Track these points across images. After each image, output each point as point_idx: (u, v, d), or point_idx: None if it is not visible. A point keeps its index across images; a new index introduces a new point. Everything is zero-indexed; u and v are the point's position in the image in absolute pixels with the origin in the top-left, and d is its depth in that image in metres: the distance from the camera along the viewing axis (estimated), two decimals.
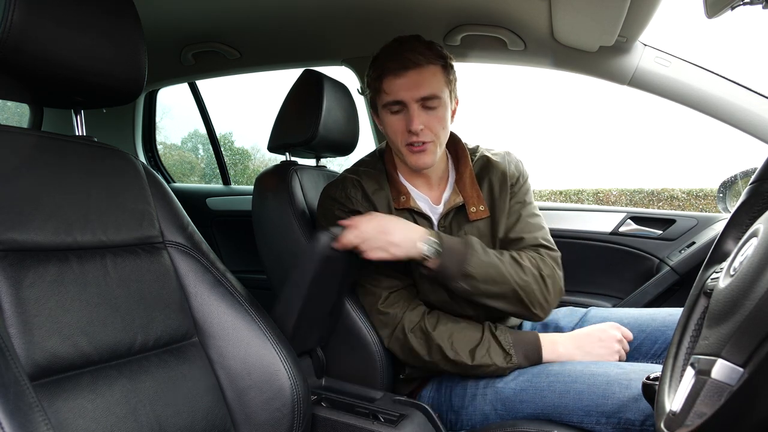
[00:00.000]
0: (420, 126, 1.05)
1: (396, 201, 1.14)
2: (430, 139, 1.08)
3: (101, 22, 0.81)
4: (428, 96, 1.05)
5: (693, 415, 0.46)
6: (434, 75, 1.06)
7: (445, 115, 1.09)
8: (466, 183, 1.16)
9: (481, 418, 1.05)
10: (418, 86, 1.05)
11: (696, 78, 1.41)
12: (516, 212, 1.17)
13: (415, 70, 1.04)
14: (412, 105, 1.05)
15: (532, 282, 1.07)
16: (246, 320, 0.94)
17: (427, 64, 1.05)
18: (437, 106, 1.07)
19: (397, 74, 1.05)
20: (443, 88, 1.07)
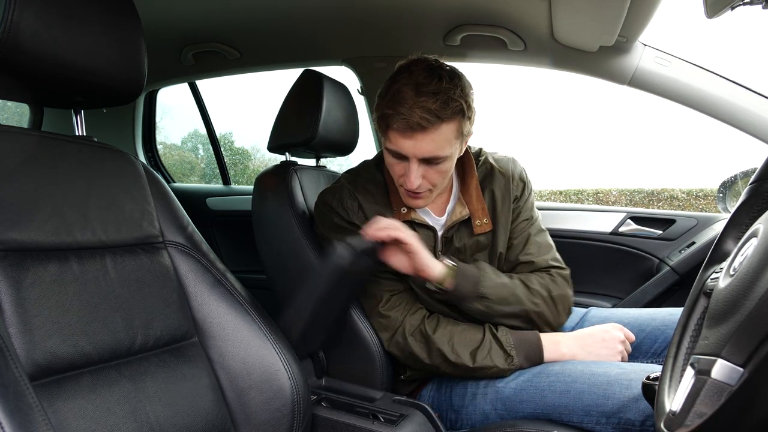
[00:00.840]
0: (417, 182, 1.02)
1: (397, 213, 1.12)
2: (426, 189, 1.06)
3: (101, 22, 0.81)
4: (431, 157, 1.00)
5: (693, 415, 0.46)
6: (443, 135, 0.97)
7: (449, 168, 1.04)
8: (473, 195, 1.14)
9: (481, 417, 1.05)
10: (422, 148, 0.98)
11: (696, 78, 1.41)
12: (524, 231, 1.16)
13: (421, 133, 0.96)
14: (412, 162, 1.00)
15: (542, 304, 1.09)
16: (246, 320, 0.94)
17: (438, 125, 0.95)
18: (440, 163, 1.02)
19: (402, 133, 0.97)
20: (451, 145, 0.99)
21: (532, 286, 1.09)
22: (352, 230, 1.11)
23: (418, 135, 0.96)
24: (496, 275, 1.08)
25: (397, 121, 0.97)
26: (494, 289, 1.05)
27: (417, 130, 0.96)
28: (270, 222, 1.26)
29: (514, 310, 1.07)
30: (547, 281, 1.12)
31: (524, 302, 1.07)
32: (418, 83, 0.96)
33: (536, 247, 1.16)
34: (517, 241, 1.16)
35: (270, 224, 1.26)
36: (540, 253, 1.15)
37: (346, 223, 1.12)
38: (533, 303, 1.08)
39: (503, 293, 1.06)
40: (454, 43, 1.55)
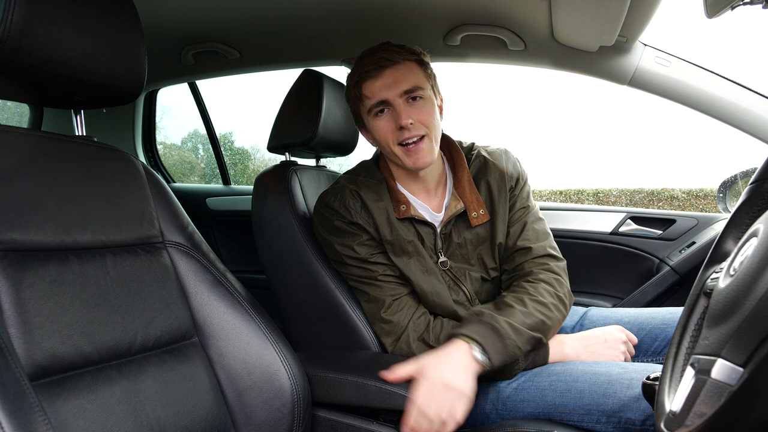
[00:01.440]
0: (409, 119, 1.04)
1: (396, 211, 1.12)
2: (423, 133, 1.06)
3: (101, 22, 0.81)
4: (410, 89, 1.05)
5: (693, 415, 0.46)
6: (411, 70, 1.07)
7: (433, 109, 1.09)
8: (465, 188, 1.15)
9: (482, 417, 1.05)
10: (398, 82, 1.05)
11: (696, 78, 1.41)
12: (521, 219, 1.16)
13: (391, 68, 1.05)
14: (396, 101, 1.05)
15: (557, 314, 1.07)
16: (246, 320, 0.94)
17: (402, 60, 1.06)
18: (422, 98, 1.07)
19: (375, 76, 1.06)
20: (423, 81, 1.08)
21: (545, 300, 1.06)
22: (353, 232, 1.11)
23: (387, 71, 1.06)
24: (515, 330, 0.99)
25: (365, 71, 1.06)
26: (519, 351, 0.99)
27: (385, 65, 1.06)
28: (270, 222, 1.26)
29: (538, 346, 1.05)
30: (553, 284, 1.10)
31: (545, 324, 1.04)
32: (372, 49, 1.10)
33: (533, 233, 1.15)
34: (514, 228, 1.16)
35: (270, 224, 1.26)
36: (537, 240, 1.15)
37: (346, 225, 1.12)
38: (550, 318, 1.05)
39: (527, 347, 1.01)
40: (454, 43, 1.55)
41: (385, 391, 0.94)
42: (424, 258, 1.12)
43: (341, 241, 1.12)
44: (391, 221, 1.11)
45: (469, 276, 1.16)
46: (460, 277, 1.15)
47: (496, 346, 0.97)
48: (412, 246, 1.12)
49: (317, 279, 1.17)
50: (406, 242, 1.11)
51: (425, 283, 1.11)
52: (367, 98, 1.07)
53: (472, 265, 1.16)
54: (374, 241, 1.12)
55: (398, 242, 1.11)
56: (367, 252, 1.11)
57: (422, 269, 1.11)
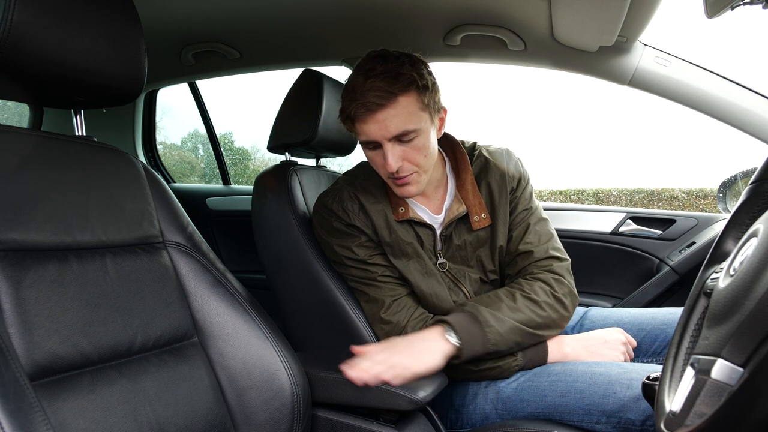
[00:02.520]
0: (398, 164, 1.01)
1: (395, 213, 1.12)
2: (412, 171, 1.04)
3: (101, 22, 0.81)
4: (400, 134, 0.99)
5: (693, 415, 0.46)
6: (404, 108, 0.98)
7: (426, 143, 1.03)
8: (469, 191, 1.13)
9: (482, 417, 1.05)
10: (387, 126, 0.98)
11: (696, 78, 1.41)
12: (523, 222, 1.15)
13: (381, 112, 0.97)
14: (385, 144, 1.00)
15: (551, 313, 1.06)
16: (246, 320, 0.94)
17: (394, 99, 0.97)
18: (413, 138, 1.00)
19: (364, 119, 0.99)
20: (417, 117, 0.99)
21: (538, 298, 1.06)
22: (351, 233, 1.11)
23: (378, 115, 0.97)
24: (497, 320, 1.01)
25: (355, 109, 0.98)
26: (501, 339, 1.00)
27: (375, 109, 0.97)
28: (270, 222, 1.26)
29: (528, 339, 1.04)
30: (551, 283, 1.09)
31: (533, 322, 1.04)
32: (367, 69, 0.99)
33: (535, 236, 1.14)
34: (516, 232, 1.15)
35: (270, 224, 1.26)
36: (540, 242, 1.13)
37: (345, 227, 1.11)
38: (541, 316, 1.05)
39: (512, 338, 1.01)
40: (454, 43, 1.55)
41: (384, 392, 0.94)
42: (424, 260, 1.12)
43: (340, 243, 1.12)
44: (389, 223, 1.11)
45: (468, 277, 1.15)
46: (460, 278, 1.15)
47: (473, 331, 0.99)
48: (411, 248, 1.11)
49: (317, 279, 1.17)
50: (405, 244, 1.11)
51: (425, 285, 1.11)
52: (357, 134, 1.04)
53: (471, 267, 1.16)
54: (373, 242, 1.12)
55: (397, 244, 1.11)
56: (366, 253, 1.11)
57: (422, 271, 1.11)
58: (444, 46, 1.58)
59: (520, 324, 1.02)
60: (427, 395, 0.92)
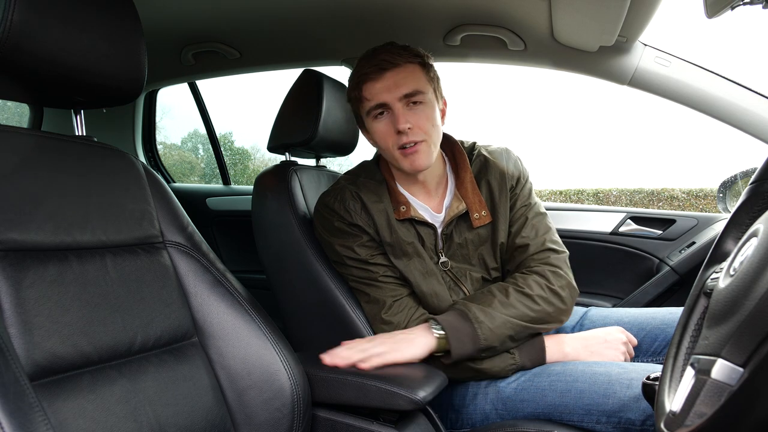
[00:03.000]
0: (407, 124, 1.03)
1: (396, 212, 1.12)
2: (421, 138, 1.05)
3: (101, 22, 0.81)
4: (410, 92, 1.04)
5: (693, 415, 0.46)
6: (413, 73, 1.05)
7: (433, 114, 1.07)
8: (468, 189, 1.14)
9: (482, 417, 1.05)
10: (398, 85, 1.03)
11: (696, 78, 1.41)
12: (522, 217, 1.15)
13: (392, 71, 1.04)
14: (395, 105, 1.04)
15: (545, 306, 1.06)
16: (246, 320, 0.94)
17: (404, 63, 1.05)
18: (422, 102, 1.05)
19: (375, 78, 1.04)
20: (425, 85, 1.06)
21: (531, 292, 1.05)
22: (353, 233, 1.11)
23: (388, 74, 1.04)
24: (488, 316, 1.01)
25: (366, 72, 1.05)
26: (493, 335, 1.01)
27: (386, 68, 1.04)
28: (270, 222, 1.26)
29: (521, 333, 1.04)
30: (547, 275, 1.08)
31: (527, 316, 1.04)
32: (374, 49, 1.08)
33: (532, 229, 1.14)
34: (515, 227, 1.15)
35: (270, 224, 1.26)
36: (536, 236, 1.13)
37: (347, 226, 1.11)
38: (535, 311, 1.04)
39: (504, 332, 1.02)
40: (454, 43, 1.55)
41: (385, 392, 0.94)
42: (424, 259, 1.12)
43: (341, 242, 1.12)
44: (390, 223, 1.11)
45: (469, 276, 1.15)
46: (461, 278, 1.15)
47: (462, 328, 1.01)
48: (412, 248, 1.11)
49: (317, 279, 1.17)
50: (405, 244, 1.11)
51: (425, 285, 1.11)
52: (366, 100, 1.06)
53: (473, 265, 1.16)
54: (374, 242, 1.12)
55: (398, 244, 1.11)
56: (367, 253, 1.11)
57: (422, 271, 1.11)
58: (444, 46, 1.58)
59: (512, 318, 1.02)
60: (427, 395, 0.93)
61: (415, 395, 0.92)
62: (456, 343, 1.00)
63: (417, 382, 0.95)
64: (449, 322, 1.02)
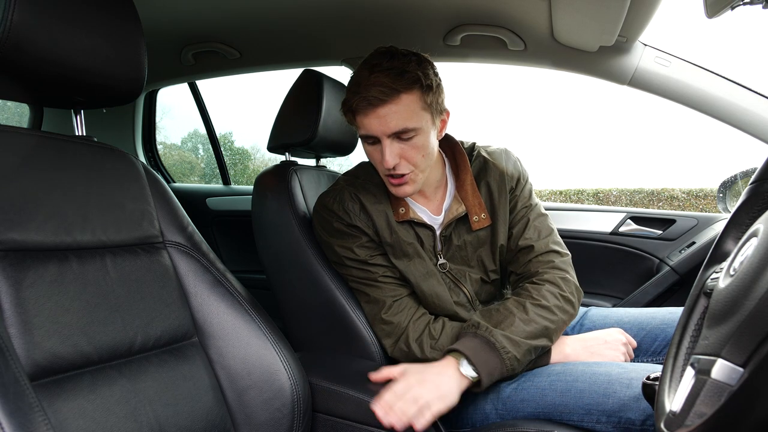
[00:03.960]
0: (394, 161, 1.01)
1: (395, 213, 1.11)
2: (408, 170, 1.03)
3: (101, 22, 0.81)
4: (399, 131, 0.99)
5: (693, 415, 0.46)
6: (406, 106, 0.98)
7: (425, 143, 1.02)
8: (468, 191, 1.13)
9: (482, 417, 1.05)
10: (387, 122, 0.98)
11: (696, 78, 1.41)
12: (523, 218, 1.15)
13: (383, 107, 0.97)
14: (384, 140, 1.00)
15: (561, 315, 1.06)
16: (246, 320, 0.94)
17: (396, 96, 0.97)
18: (413, 137, 1.00)
19: (365, 113, 0.99)
20: (418, 116, 0.99)
21: (548, 303, 1.05)
22: (352, 234, 1.11)
23: (379, 110, 0.98)
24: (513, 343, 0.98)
25: (357, 102, 0.99)
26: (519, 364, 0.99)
27: (377, 104, 0.97)
28: (270, 222, 1.26)
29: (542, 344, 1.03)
30: (559, 283, 1.08)
31: (548, 329, 1.03)
32: (372, 64, 0.99)
33: (535, 231, 1.14)
34: (516, 228, 1.15)
35: (270, 224, 1.26)
36: (540, 237, 1.13)
37: (345, 227, 1.11)
38: (554, 322, 1.04)
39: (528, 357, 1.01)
40: (454, 43, 1.55)
41: None
42: (425, 260, 1.12)
43: (341, 243, 1.12)
44: (390, 224, 1.11)
45: (469, 277, 1.15)
46: (460, 279, 1.15)
47: (490, 360, 0.97)
48: (412, 248, 1.11)
49: (317, 279, 1.17)
50: (406, 244, 1.11)
51: (425, 285, 1.11)
52: (358, 127, 1.04)
53: (472, 266, 1.16)
54: (374, 243, 1.12)
55: (398, 245, 1.11)
56: (366, 254, 1.11)
57: (422, 271, 1.11)
58: (444, 46, 1.58)
59: (533, 341, 1.01)
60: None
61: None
62: (486, 377, 0.97)
63: None
64: (478, 357, 0.97)
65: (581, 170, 11.31)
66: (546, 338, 1.03)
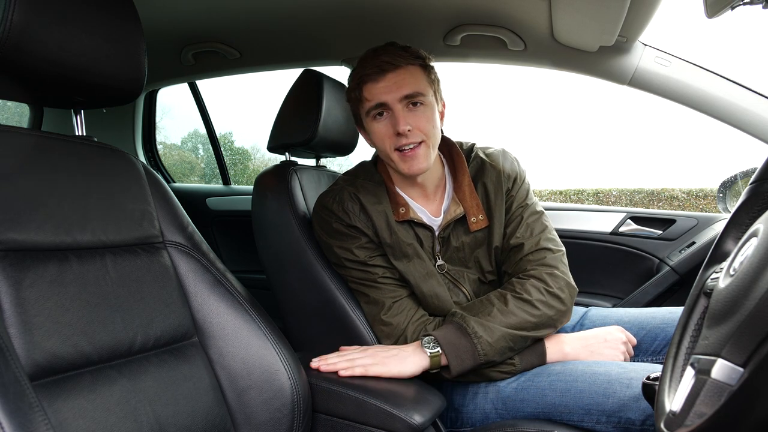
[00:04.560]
0: (407, 126, 1.03)
1: (395, 213, 1.12)
2: (420, 139, 1.04)
3: (101, 22, 0.81)
4: (411, 94, 1.03)
5: (693, 415, 0.46)
6: (413, 75, 1.05)
7: (433, 116, 1.07)
8: (466, 192, 1.14)
9: (482, 416, 1.05)
10: (399, 86, 1.03)
11: (696, 78, 1.41)
12: (518, 216, 1.15)
13: (393, 72, 1.03)
14: (395, 105, 1.03)
15: (546, 310, 1.05)
16: (246, 320, 0.94)
17: (405, 64, 1.04)
18: (422, 104, 1.05)
19: (376, 79, 1.04)
20: (425, 87, 1.06)
21: (530, 297, 1.04)
22: (352, 235, 1.11)
23: (389, 75, 1.04)
24: (486, 329, 1.00)
25: (367, 73, 1.05)
26: (493, 349, 1.00)
27: (387, 69, 1.04)
28: (270, 222, 1.26)
29: (522, 343, 1.03)
30: (545, 278, 1.07)
31: (528, 323, 1.03)
32: (375, 50, 1.08)
33: (527, 229, 1.13)
34: (510, 228, 1.14)
35: (270, 224, 1.26)
36: (531, 235, 1.12)
37: (345, 228, 1.11)
38: (535, 316, 1.03)
39: (504, 344, 1.01)
40: (454, 43, 1.55)
41: (385, 413, 0.92)
42: (424, 261, 1.12)
43: (340, 244, 1.12)
44: (390, 224, 1.11)
45: (467, 277, 1.16)
46: (459, 279, 1.15)
47: (461, 345, 0.99)
48: (412, 249, 1.11)
49: (317, 279, 1.17)
50: (405, 245, 1.11)
51: (425, 286, 1.11)
52: (366, 100, 1.06)
53: (469, 267, 1.16)
54: (373, 243, 1.12)
55: (398, 245, 1.11)
56: (366, 255, 1.11)
57: (422, 272, 1.11)
58: (444, 46, 1.58)
59: (512, 330, 1.01)
60: (425, 420, 0.92)
61: (412, 419, 0.91)
62: (455, 360, 0.99)
63: (416, 404, 0.94)
64: (447, 339, 1.00)
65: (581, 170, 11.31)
66: (525, 330, 1.02)
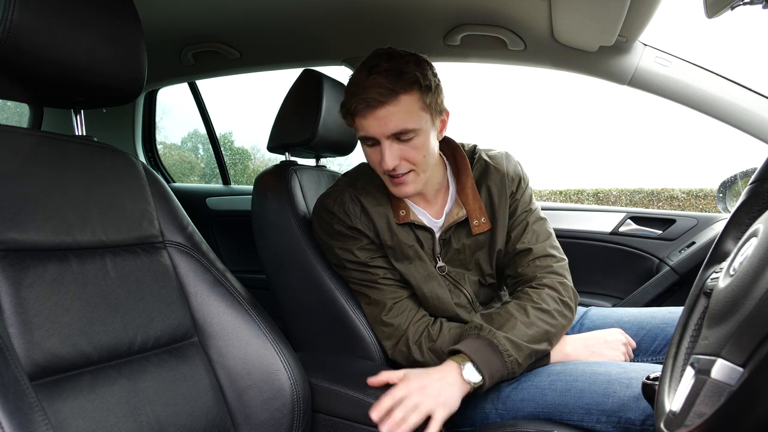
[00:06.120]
0: (394, 162, 1.00)
1: (396, 215, 1.11)
2: (408, 170, 1.03)
3: (101, 22, 0.81)
4: (398, 132, 0.98)
5: (693, 415, 0.46)
6: (405, 107, 0.97)
7: (425, 143, 1.02)
8: (469, 195, 1.13)
9: (481, 416, 1.05)
10: (386, 123, 0.98)
11: (696, 78, 1.41)
12: (522, 222, 1.15)
13: (381, 108, 0.97)
14: (383, 141, 0.99)
15: (561, 320, 1.06)
16: (246, 320, 0.94)
17: (395, 97, 0.96)
18: (412, 138, 1.00)
19: (364, 114, 0.99)
20: (418, 117, 0.99)
21: (548, 307, 1.05)
22: (353, 236, 1.11)
23: (378, 111, 0.97)
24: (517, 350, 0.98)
25: (356, 104, 0.98)
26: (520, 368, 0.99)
27: (375, 106, 0.97)
28: (269, 222, 1.26)
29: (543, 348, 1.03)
30: (557, 287, 1.09)
31: (549, 332, 1.03)
32: (371, 66, 0.99)
33: (533, 235, 1.14)
34: (515, 232, 1.15)
35: (269, 224, 1.26)
36: (538, 241, 1.13)
37: (346, 229, 1.11)
38: (553, 326, 1.04)
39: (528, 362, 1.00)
40: (454, 42, 1.55)
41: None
42: (425, 262, 1.12)
43: (341, 245, 1.12)
44: (391, 226, 1.11)
45: (468, 279, 1.16)
46: (460, 280, 1.15)
47: (493, 362, 0.97)
48: (413, 251, 1.11)
49: (317, 279, 1.17)
50: (406, 247, 1.11)
51: (426, 287, 1.11)
52: (356, 129, 1.04)
53: (470, 270, 1.17)
54: (374, 245, 1.12)
55: (399, 247, 1.11)
56: (367, 256, 1.11)
57: (423, 274, 1.11)
58: (444, 46, 1.58)
59: (534, 345, 1.01)
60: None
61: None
62: (489, 381, 0.97)
63: None
64: (481, 357, 0.96)
65: (581, 170, 11.31)
66: (546, 342, 1.03)
